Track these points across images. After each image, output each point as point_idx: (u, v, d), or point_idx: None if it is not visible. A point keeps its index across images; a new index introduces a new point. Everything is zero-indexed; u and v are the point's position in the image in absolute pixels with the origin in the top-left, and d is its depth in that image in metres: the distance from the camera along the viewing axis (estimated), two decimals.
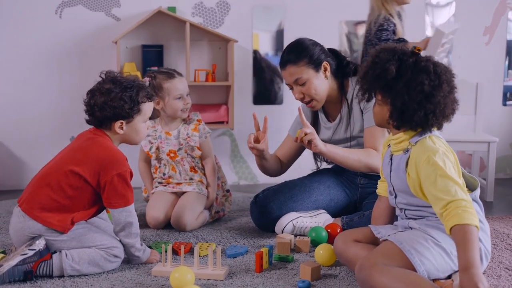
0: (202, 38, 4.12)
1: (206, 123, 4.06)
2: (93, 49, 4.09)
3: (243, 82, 4.24)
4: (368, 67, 2.15)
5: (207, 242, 2.73)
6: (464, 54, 4.42)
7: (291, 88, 2.81)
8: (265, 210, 2.85)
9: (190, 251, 2.58)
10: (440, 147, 2.07)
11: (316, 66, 2.76)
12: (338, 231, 2.70)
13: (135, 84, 2.37)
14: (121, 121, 2.34)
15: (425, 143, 2.09)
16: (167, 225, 2.99)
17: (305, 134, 2.55)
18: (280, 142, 3.09)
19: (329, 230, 2.70)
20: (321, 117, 2.98)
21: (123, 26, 4.05)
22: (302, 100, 2.81)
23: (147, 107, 2.41)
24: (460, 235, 1.88)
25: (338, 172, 3.02)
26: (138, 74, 3.90)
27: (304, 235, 2.77)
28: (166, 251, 2.46)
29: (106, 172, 2.28)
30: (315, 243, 2.64)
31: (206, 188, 3.10)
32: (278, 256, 2.49)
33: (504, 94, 4.54)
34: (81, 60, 4.08)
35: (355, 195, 2.99)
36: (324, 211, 2.89)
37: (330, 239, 2.67)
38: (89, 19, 4.07)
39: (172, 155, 3.07)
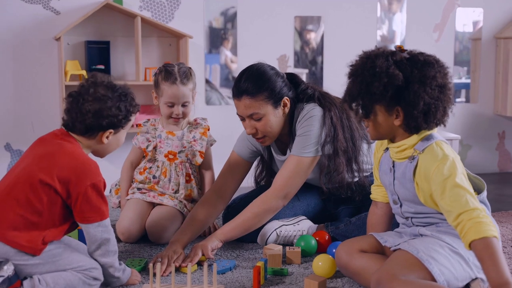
0: (151, 34, 3.83)
1: None
2: (30, 46, 3.69)
3: None
4: (369, 80, 1.93)
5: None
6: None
7: (243, 120, 2.52)
8: None
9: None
10: (450, 154, 1.93)
11: (276, 101, 2.48)
12: (327, 238, 2.55)
13: (129, 92, 2.16)
14: (111, 130, 2.10)
15: (433, 151, 1.94)
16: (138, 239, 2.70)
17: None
18: (233, 145, 2.79)
19: (317, 238, 2.53)
20: (274, 149, 2.72)
21: (64, 20, 3.69)
22: (253, 135, 2.53)
23: (133, 118, 2.19)
24: (482, 250, 1.74)
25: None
26: (83, 73, 3.58)
27: (288, 245, 2.58)
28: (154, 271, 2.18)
29: (79, 183, 1.99)
30: (304, 253, 2.46)
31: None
32: (272, 270, 2.28)
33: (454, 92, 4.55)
34: (16, 58, 3.68)
35: (329, 201, 2.80)
36: (304, 217, 2.71)
37: (319, 248, 2.51)
38: (24, 12, 3.67)
39: (171, 156, 2.80)
